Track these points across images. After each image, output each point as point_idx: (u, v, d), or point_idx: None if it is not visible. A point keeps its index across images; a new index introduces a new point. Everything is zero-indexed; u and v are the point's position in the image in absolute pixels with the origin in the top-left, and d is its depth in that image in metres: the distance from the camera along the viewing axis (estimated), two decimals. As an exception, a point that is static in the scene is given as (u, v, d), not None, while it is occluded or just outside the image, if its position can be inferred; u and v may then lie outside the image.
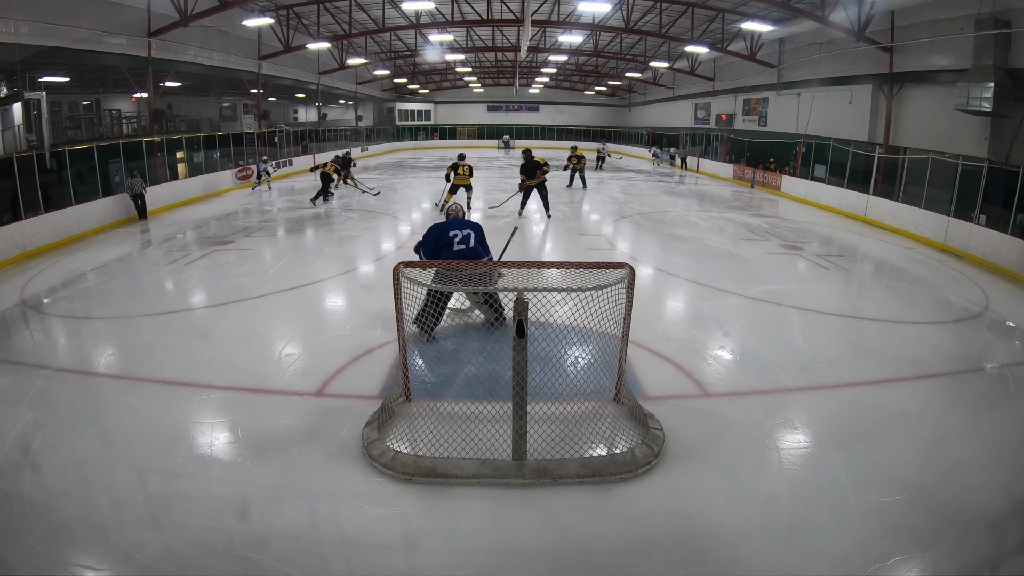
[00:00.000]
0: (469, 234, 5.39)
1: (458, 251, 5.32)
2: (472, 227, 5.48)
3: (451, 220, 5.51)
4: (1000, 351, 5.95)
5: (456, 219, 5.55)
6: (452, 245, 5.32)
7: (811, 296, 7.19)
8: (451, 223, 5.45)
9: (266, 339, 5.66)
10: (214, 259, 8.72)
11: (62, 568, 2.77)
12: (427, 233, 5.43)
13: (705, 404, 4.42)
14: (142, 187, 11.80)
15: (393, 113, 38.07)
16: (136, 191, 11.71)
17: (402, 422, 3.96)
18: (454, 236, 5.33)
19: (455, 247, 5.32)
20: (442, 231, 5.37)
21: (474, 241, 5.38)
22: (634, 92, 36.39)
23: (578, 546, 2.97)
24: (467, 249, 5.33)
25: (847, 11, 13.54)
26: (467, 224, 5.50)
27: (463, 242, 5.33)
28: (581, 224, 12.01)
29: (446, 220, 5.54)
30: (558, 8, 18.58)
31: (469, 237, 5.37)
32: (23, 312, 6.49)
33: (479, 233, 5.49)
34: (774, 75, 19.57)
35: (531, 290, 3.48)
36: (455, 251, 5.31)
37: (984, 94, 10.71)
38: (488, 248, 5.58)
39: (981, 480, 3.53)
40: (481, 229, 5.55)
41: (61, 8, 11.48)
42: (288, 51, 19.21)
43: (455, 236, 5.33)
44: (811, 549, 2.95)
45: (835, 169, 15.06)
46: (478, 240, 5.43)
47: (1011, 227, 8.99)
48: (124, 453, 3.66)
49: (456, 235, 5.34)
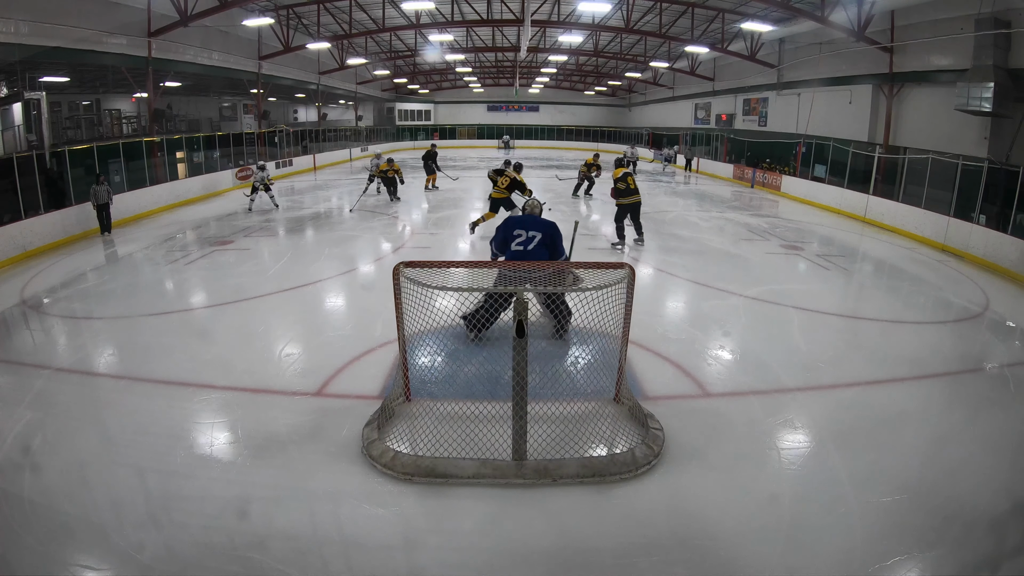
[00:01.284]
0: (534, 236, 5.01)
1: (514, 252, 5.04)
2: (542, 228, 5.06)
3: (522, 217, 5.20)
4: (1000, 351, 5.95)
5: (528, 217, 5.20)
6: (512, 244, 5.06)
7: (811, 296, 7.19)
8: (520, 220, 5.13)
9: (266, 339, 5.66)
10: (214, 259, 8.72)
11: (62, 568, 2.77)
12: (499, 226, 5.22)
13: (705, 404, 4.42)
14: (108, 196, 10.29)
15: (393, 113, 38.06)
16: (101, 200, 10.19)
17: (402, 422, 3.96)
18: (517, 235, 5.04)
19: (513, 247, 5.06)
20: (510, 227, 5.10)
21: (537, 244, 5.00)
22: (634, 92, 36.39)
23: (578, 546, 2.97)
24: (524, 252, 5.01)
25: (847, 11, 13.54)
26: (537, 224, 5.10)
27: (523, 244, 5.01)
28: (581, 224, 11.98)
29: (521, 215, 5.24)
30: (558, 8, 18.57)
31: (532, 240, 5.00)
32: (23, 312, 6.49)
33: (548, 236, 5.04)
34: (774, 75, 19.57)
35: (531, 290, 3.47)
36: (512, 251, 5.06)
37: (984, 94, 10.71)
38: (561, 251, 5.16)
39: (981, 480, 3.53)
40: (553, 230, 5.08)
41: (61, 8, 11.47)
42: (288, 51, 19.20)
43: (518, 236, 5.03)
44: (811, 549, 2.95)
45: (835, 169, 15.07)
46: (544, 243, 5.01)
47: (1011, 227, 8.99)
48: (124, 453, 3.66)
49: (520, 235, 5.02)
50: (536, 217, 5.23)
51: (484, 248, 9.63)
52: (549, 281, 4.07)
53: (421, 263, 3.84)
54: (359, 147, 29.40)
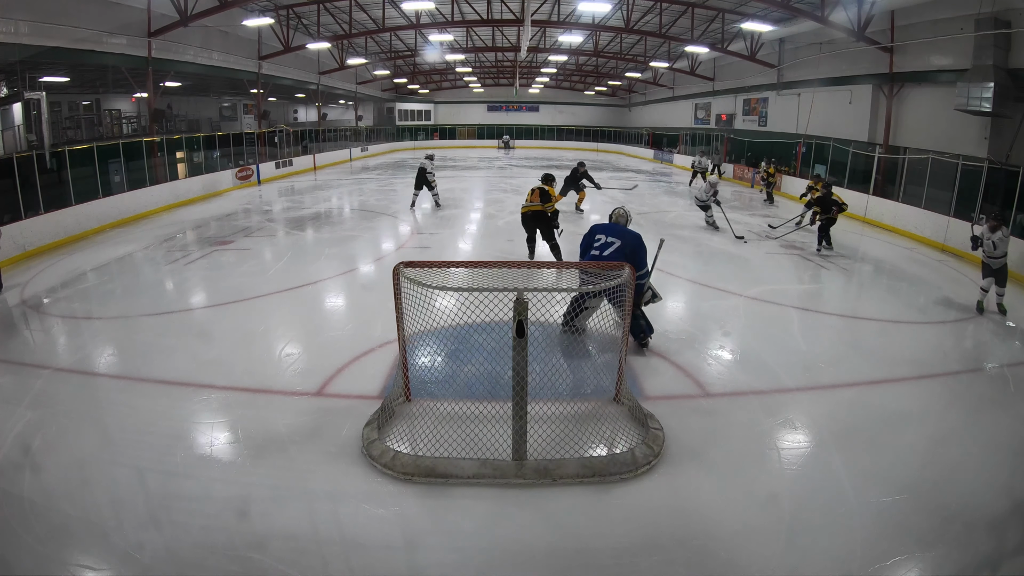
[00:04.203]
0: (613, 243, 5.04)
1: (591, 257, 5.09)
2: (623, 236, 5.09)
3: (606, 224, 5.30)
4: (1000, 351, 5.95)
5: (612, 225, 5.30)
6: (592, 249, 5.15)
7: (811, 296, 7.20)
8: (603, 227, 5.23)
9: (266, 339, 5.66)
10: (214, 259, 8.71)
11: (62, 568, 2.77)
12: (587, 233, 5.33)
13: (705, 404, 4.42)
14: None
15: (393, 113, 38.06)
16: None
17: (402, 422, 3.96)
18: (598, 240, 5.12)
19: (590, 252, 5.14)
20: (593, 233, 5.22)
21: (614, 251, 5.00)
22: (634, 92, 36.39)
23: (578, 546, 2.96)
24: (599, 256, 5.04)
25: (847, 11, 13.54)
26: (620, 232, 5.15)
27: (600, 248, 5.07)
28: (580, 224, 11.99)
29: (608, 222, 5.37)
30: (558, 8, 18.58)
31: (610, 246, 5.04)
32: (23, 312, 6.48)
33: (628, 246, 5.01)
34: (774, 75, 19.56)
35: (531, 290, 3.47)
36: (589, 256, 5.12)
37: (984, 94, 10.70)
38: (641, 263, 5.03)
39: (981, 480, 3.53)
40: (636, 242, 5.06)
41: (61, 8, 11.47)
42: (288, 51, 19.20)
43: (598, 241, 5.11)
44: (811, 549, 2.95)
45: (835, 169, 15.06)
46: (623, 252, 4.96)
47: (1011, 227, 8.98)
48: (124, 453, 3.66)
49: (600, 239, 5.11)
50: (620, 226, 5.28)
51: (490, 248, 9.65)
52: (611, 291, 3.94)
53: (421, 263, 3.84)
54: (359, 147, 29.40)
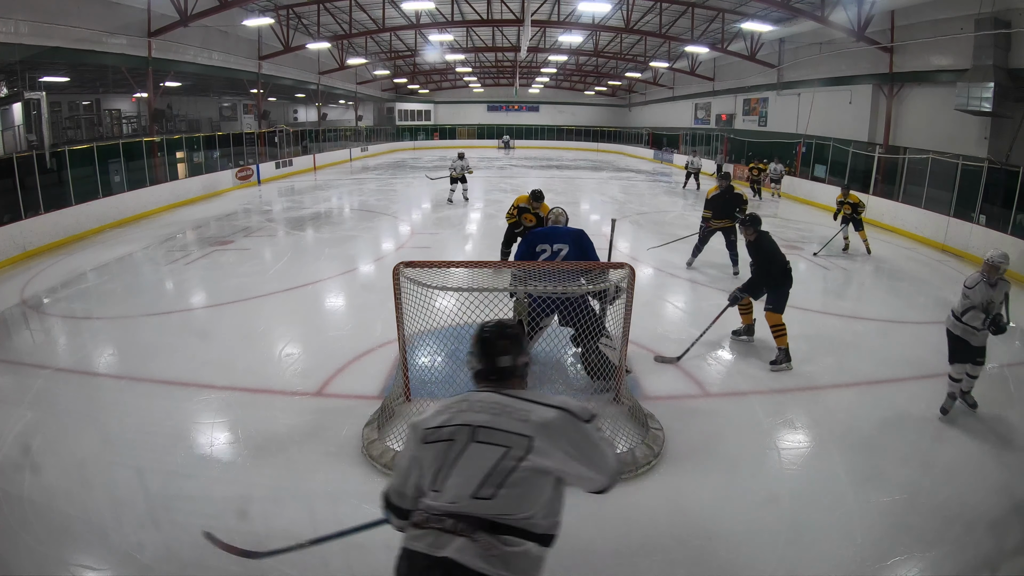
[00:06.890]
0: (560, 250, 4.32)
1: None
2: (568, 239, 4.35)
3: (545, 230, 4.57)
4: (1000, 351, 5.93)
5: (552, 229, 4.57)
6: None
7: (811, 296, 7.19)
8: (543, 234, 4.45)
9: (266, 339, 5.66)
10: (214, 259, 8.72)
11: (62, 568, 2.77)
12: (520, 242, 4.60)
13: (705, 404, 4.42)
14: None
15: (393, 113, 38.06)
16: None
17: (402, 422, 3.95)
18: (542, 252, 4.35)
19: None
20: (532, 243, 4.41)
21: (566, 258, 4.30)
22: (634, 92, 36.39)
23: (578, 546, 2.96)
24: None
25: (847, 11, 13.54)
26: (563, 235, 4.42)
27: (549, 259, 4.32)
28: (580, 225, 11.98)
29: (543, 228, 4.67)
30: (558, 8, 18.58)
31: (559, 254, 4.32)
32: (23, 312, 6.48)
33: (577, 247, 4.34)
34: (774, 75, 19.56)
35: (531, 290, 3.47)
36: None
37: (984, 94, 10.70)
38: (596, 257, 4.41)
39: (981, 480, 3.53)
40: (581, 239, 4.39)
41: (61, 8, 11.47)
42: (288, 51, 19.20)
43: (543, 252, 4.34)
44: (811, 549, 2.95)
45: (835, 169, 15.07)
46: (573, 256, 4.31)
47: (1011, 227, 8.99)
48: (124, 453, 3.65)
49: (544, 249, 4.34)
50: (561, 228, 4.61)
51: (490, 248, 9.64)
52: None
53: (421, 263, 3.84)
54: (359, 147, 29.40)
